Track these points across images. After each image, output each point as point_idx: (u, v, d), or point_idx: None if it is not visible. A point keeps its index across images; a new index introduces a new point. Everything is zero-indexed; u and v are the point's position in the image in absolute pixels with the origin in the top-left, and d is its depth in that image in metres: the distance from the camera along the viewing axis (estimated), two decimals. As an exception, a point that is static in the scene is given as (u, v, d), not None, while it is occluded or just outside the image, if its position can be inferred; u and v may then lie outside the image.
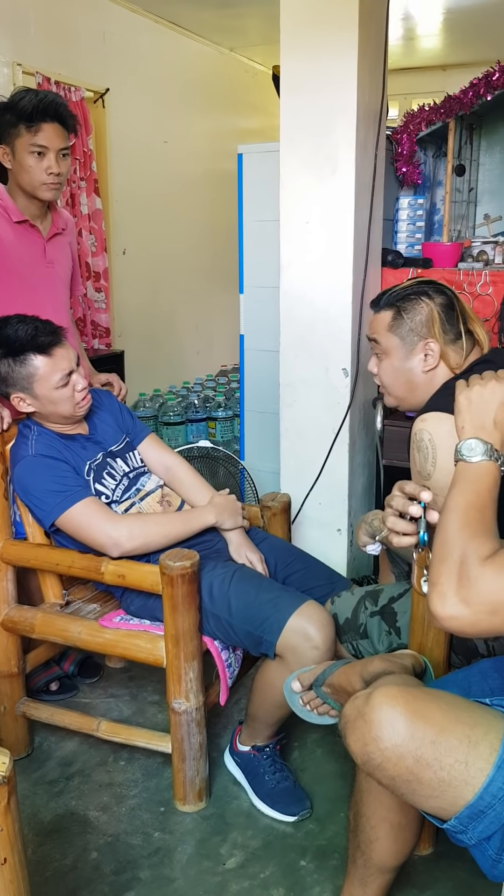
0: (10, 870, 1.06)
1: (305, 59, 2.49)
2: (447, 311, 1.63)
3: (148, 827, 1.86)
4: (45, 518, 1.87)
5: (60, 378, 1.87)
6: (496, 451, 1.22)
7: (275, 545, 2.08)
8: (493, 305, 2.69)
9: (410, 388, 1.67)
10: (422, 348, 1.63)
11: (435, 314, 1.62)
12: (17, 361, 1.85)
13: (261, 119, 5.82)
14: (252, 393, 3.33)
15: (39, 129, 2.02)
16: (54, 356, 1.86)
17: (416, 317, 1.63)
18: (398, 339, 1.65)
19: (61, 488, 1.86)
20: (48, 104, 2.02)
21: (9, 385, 1.89)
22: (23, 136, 2.03)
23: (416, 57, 5.72)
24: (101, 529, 1.83)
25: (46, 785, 2.01)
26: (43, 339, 1.85)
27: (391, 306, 1.66)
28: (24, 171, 2.07)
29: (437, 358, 1.62)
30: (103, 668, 2.49)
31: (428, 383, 1.63)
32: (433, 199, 3.38)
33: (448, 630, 1.13)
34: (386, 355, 1.69)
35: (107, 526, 1.83)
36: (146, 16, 4.55)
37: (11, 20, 3.66)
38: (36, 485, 1.87)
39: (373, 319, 1.71)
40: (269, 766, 1.92)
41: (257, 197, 3.08)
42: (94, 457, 1.98)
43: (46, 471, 1.88)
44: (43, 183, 2.08)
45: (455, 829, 1.14)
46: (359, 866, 1.46)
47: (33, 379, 1.86)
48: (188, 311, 5.28)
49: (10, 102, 2.04)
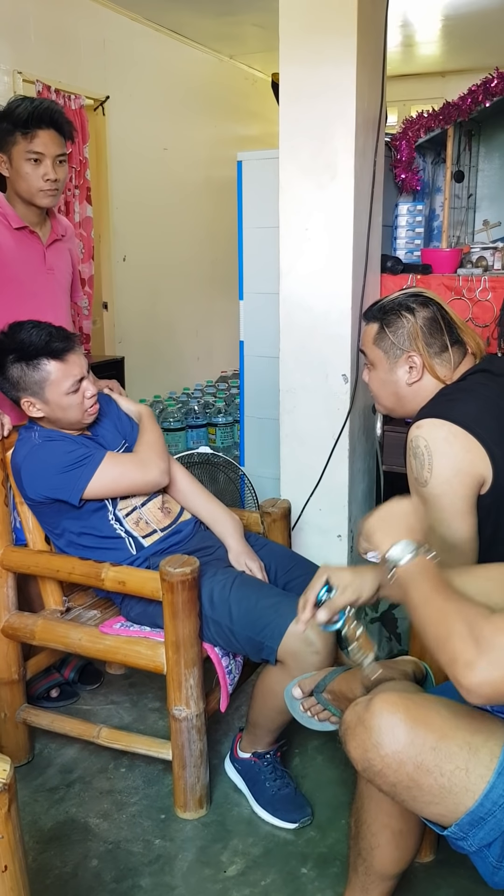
0: (10, 877, 1.06)
1: (305, 66, 2.50)
2: (430, 323, 1.63)
3: (148, 834, 1.86)
4: (72, 494, 1.87)
5: (72, 384, 1.89)
6: (419, 546, 1.20)
7: (275, 551, 2.08)
8: (492, 311, 2.69)
9: (398, 399, 1.68)
10: (405, 361, 1.63)
11: (417, 328, 1.62)
12: (31, 366, 1.86)
13: (260, 126, 5.84)
14: (252, 399, 3.33)
15: (35, 135, 2.03)
16: (67, 362, 1.88)
17: (399, 331, 1.63)
18: (382, 352, 1.66)
19: (75, 460, 1.87)
20: (43, 111, 2.03)
21: (20, 389, 1.89)
22: (19, 143, 2.04)
23: (415, 63, 5.74)
24: (138, 472, 1.94)
25: (47, 792, 2.00)
26: (57, 345, 1.87)
27: (376, 319, 1.67)
28: (22, 179, 2.07)
29: (421, 371, 1.62)
30: (104, 675, 2.49)
31: (415, 395, 1.64)
32: (432, 205, 3.39)
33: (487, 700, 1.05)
34: (373, 367, 1.70)
35: (141, 466, 1.95)
36: (146, 24, 4.57)
37: (12, 28, 3.67)
38: (51, 467, 1.87)
39: (362, 331, 1.73)
40: (270, 772, 1.92)
41: (257, 204, 3.09)
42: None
43: (57, 450, 1.89)
44: (40, 189, 2.08)
45: (455, 835, 1.14)
46: (360, 873, 1.45)
47: (45, 384, 1.87)
48: (188, 318, 5.29)
49: (5, 111, 2.05)
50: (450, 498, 1.47)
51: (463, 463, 1.46)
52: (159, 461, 1.98)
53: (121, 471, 1.91)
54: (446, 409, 1.52)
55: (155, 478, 1.96)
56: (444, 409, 1.52)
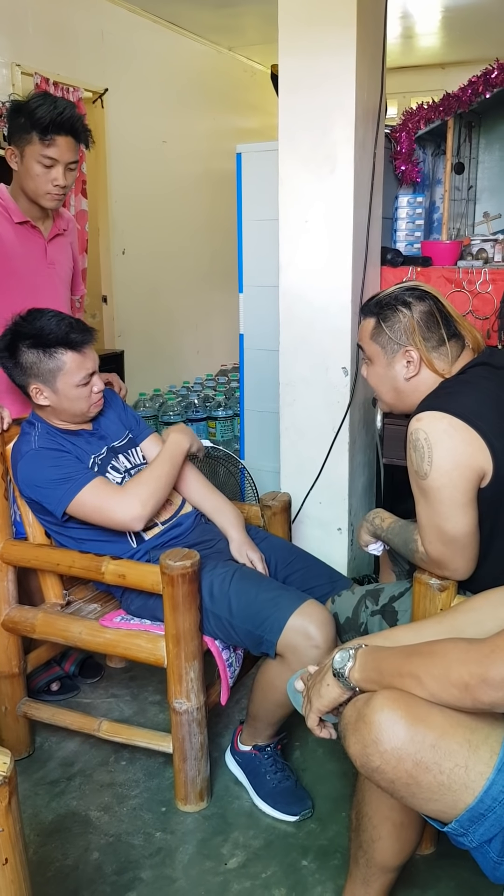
0: (11, 870, 1.06)
1: (304, 57, 2.49)
2: (427, 318, 1.62)
3: (149, 827, 1.86)
4: (56, 508, 1.87)
5: (84, 377, 1.90)
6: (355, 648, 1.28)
7: (275, 544, 2.08)
8: (492, 303, 2.68)
9: (397, 394, 1.68)
10: (402, 356, 1.62)
11: (414, 323, 1.61)
12: (47, 353, 1.87)
13: (259, 118, 5.82)
14: (252, 392, 3.33)
15: (53, 142, 2.01)
16: (84, 355, 1.90)
17: (396, 325, 1.63)
18: (379, 347, 1.65)
19: (67, 476, 1.86)
20: (66, 119, 2.00)
21: (31, 375, 1.90)
22: (35, 144, 2.01)
23: (415, 55, 5.72)
24: (114, 510, 1.85)
25: (48, 785, 2.00)
26: (76, 336, 1.88)
27: (372, 314, 1.67)
28: (30, 178, 2.06)
29: (419, 365, 1.62)
30: (104, 669, 2.49)
31: (413, 390, 1.63)
32: (432, 197, 3.38)
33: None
34: (371, 362, 1.69)
35: (118, 505, 1.85)
36: (144, 15, 4.55)
37: (10, 21, 3.66)
38: (42, 477, 1.87)
39: (360, 326, 1.72)
40: (271, 765, 1.92)
41: (256, 196, 3.08)
42: (99, 451, 1.99)
43: (50, 462, 1.88)
44: (47, 193, 2.07)
45: (456, 832, 1.13)
46: (361, 866, 1.45)
47: (58, 373, 1.88)
48: (188, 311, 5.28)
49: (25, 107, 2.01)
50: (450, 490, 1.47)
51: (463, 456, 1.46)
52: (138, 504, 1.85)
53: (98, 504, 1.85)
54: (446, 402, 1.51)
55: (125, 521, 1.86)
56: (444, 402, 1.51)
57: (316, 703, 1.30)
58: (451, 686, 1.11)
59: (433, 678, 1.13)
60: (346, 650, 1.27)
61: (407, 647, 1.23)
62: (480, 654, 1.09)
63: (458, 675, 1.10)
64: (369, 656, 1.25)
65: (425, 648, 1.18)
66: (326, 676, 1.29)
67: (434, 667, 1.14)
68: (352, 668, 1.25)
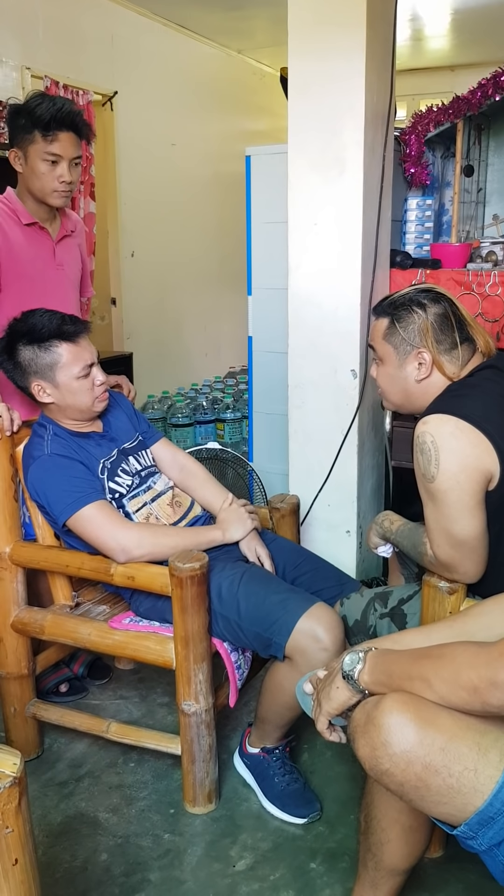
0: (20, 870, 1.06)
1: (313, 60, 2.49)
2: (441, 320, 1.61)
3: (158, 829, 1.86)
4: (57, 517, 1.88)
5: (82, 368, 1.91)
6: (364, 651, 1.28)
7: (284, 547, 2.08)
8: (502, 306, 2.68)
9: (406, 396, 1.67)
10: (414, 357, 1.62)
11: (428, 324, 1.61)
12: (42, 348, 1.89)
13: (269, 121, 5.83)
14: (260, 394, 3.33)
15: (56, 138, 2.02)
16: (79, 345, 1.91)
17: (409, 326, 1.62)
18: (392, 347, 1.65)
19: (75, 489, 1.86)
20: (66, 114, 2.02)
21: (31, 373, 1.91)
22: (37, 142, 2.03)
23: (425, 58, 5.72)
24: (110, 534, 1.83)
25: (56, 786, 2.01)
26: (68, 328, 1.90)
27: (386, 314, 1.66)
28: (36, 178, 2.07)
29: (430, 367, 1.61)
30: (113, 670, 2.49)
31: (423, 392, 1.63)
32: (441, 199, 3.37)
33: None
34: (382, 362, 1.69)
35: (117, 531, 1.83)
36: (154, 19, 4.57)
37: (20, 24, 3.68)
38: (50, 484, 1.88)
39: (372, 326, 1.72)
40: (279, 767, 1.92)
41: (265, 199, 3.08)
42: (109, 454, 1.99)
43: (61, 471, 1.89)
44: (54, 190, 2.09)
45: (465, 835, 1.13)
46: (369, 869, 1.45)
47: (56, 366, 1.89)
48: (196, 313, 5.29)
49: (25, 107, 2.03)
50: (457, 493, 1.46)
51: (470, 458, 1.46)
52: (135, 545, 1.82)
53: (98, 526, 1.83)
54: (453, 405, 1.51)
55: (114, 550, 1.82)
56: (450, 405, 1.51)
57: (325, 706, 1.30)
58: (460, 689, 1.11)
59: (442, 681, 1.13)
60: (355, 653, 1.27)
61: (416, 650, 1.23)
62: (490, 658, 1.09)
63: (468, 679, 1.10)
64: (379, 659, 1.25)
65: (435, 651, 1.18)
66: (336, 679, 1.29)
67: (443, 670, 1.14)
68: (361, 670, 1.25)
